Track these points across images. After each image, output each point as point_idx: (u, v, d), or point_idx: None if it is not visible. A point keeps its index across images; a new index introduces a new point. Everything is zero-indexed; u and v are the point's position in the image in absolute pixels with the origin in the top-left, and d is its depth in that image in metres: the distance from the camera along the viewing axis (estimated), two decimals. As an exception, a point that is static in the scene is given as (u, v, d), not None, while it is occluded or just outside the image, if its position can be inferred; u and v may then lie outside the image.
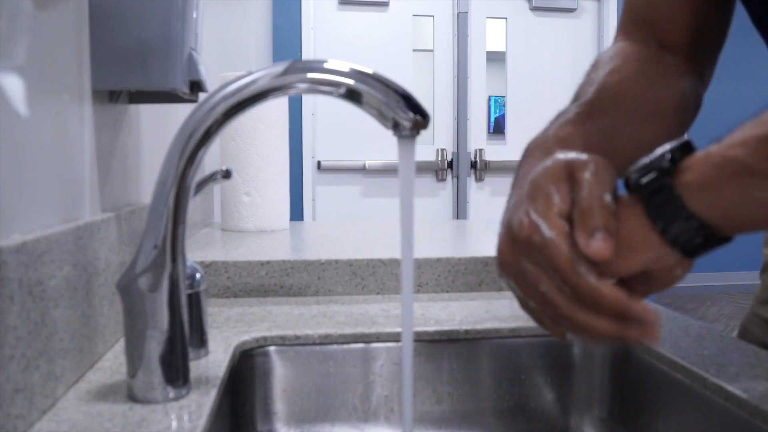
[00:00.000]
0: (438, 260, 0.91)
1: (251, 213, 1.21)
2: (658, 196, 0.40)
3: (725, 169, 0.38)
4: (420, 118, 0.49)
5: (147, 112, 0.80)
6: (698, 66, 0.68)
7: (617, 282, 0.43)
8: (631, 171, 0.42)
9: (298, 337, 0.72)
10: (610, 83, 0.62)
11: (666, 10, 0.68)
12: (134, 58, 0.60)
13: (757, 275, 0.86)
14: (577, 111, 0.58)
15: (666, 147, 0.41)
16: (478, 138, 3.40)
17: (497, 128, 3.84)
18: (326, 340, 0.72)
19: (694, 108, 0.67)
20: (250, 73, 0.49)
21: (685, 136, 0.42)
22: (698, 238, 0.40)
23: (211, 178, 0.77)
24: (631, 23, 0.70)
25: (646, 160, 0.41)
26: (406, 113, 0.48)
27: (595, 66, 0.66)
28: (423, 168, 3.32)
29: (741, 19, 0.71)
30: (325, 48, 3.21)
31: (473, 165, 3.42)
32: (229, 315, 0.79)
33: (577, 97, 0.61)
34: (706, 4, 0.67)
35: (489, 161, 3.40)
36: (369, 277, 0.90)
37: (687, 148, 0.41)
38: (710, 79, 0.71)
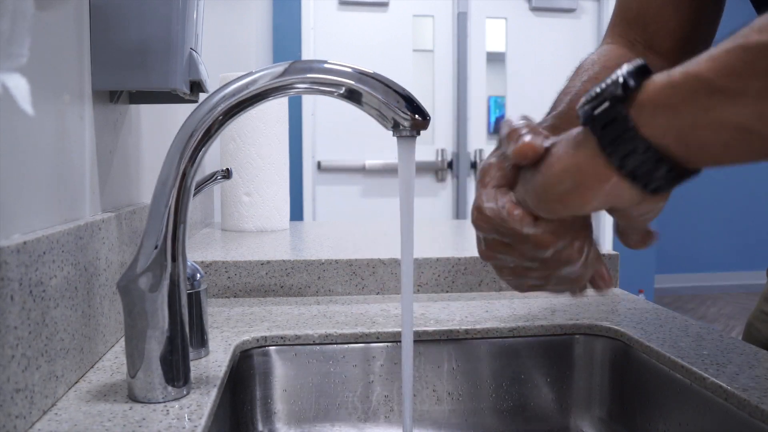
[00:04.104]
0: (438, 260, 0.91)
1: (251, 213, 1.21)
2: (611, 128, 0.37)
3: (684, 87, 0.35)
4: (420, 118, 0.49)
5: (147, 112, 0.80)
6: None
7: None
8: (583, 101, 0.39)
9: (298, 337, 0.72)
10: (583, 91, 0.61)
11: (656, 15, 0.68)
12: (134, 59, 0.60)
13: (758, 275, 0.86)
14: (551, 123, 0.58)
15: (621, 71, 0.38)
16: (478, 138, 3.40)
17: (497, 128, 3.85)
18: (326, 340, 0.72)
19: None
20: (250, 73, 0.49)
21: (640, 60, 0.38)
22: (659, 171, 0.37)
23: (211, 179, 0.77)
24: (621, 24, 0.71)
25: (598, 88, 0.39)
26: (406, 114, 0.48)
27: (576, 72, 0.66)
28: (423, 168, 3.31)
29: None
30: (325, 48, 3.21)
31: (473, 165, 3.42)
32: (230, 315, 0.79)
33: (553, 107, 0.61)
34: (696, 12, 0.68)
35: (489, 161, 3.39)
36: (369, 277, 0.90)
37: (644, 71, 0.38)
38: None
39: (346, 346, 0.73)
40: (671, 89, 0.36)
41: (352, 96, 0.49)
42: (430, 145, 3.36)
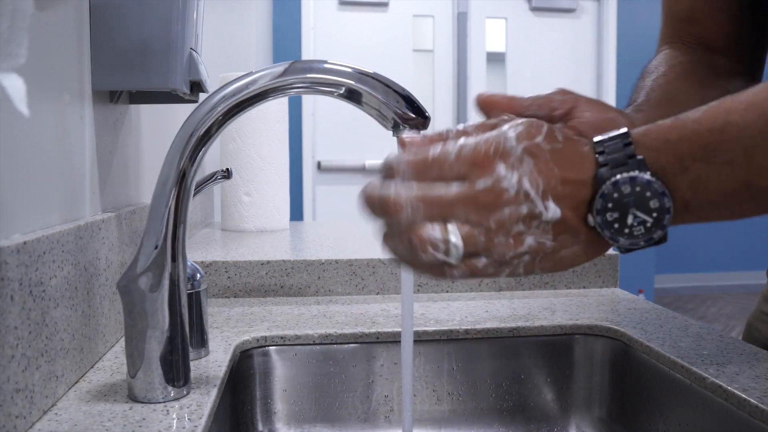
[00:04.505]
0: (438, 260, 0.91)
1: (251, 213, 1.21)
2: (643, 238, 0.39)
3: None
4: (420, 118, 0.49)
5: (147, 112, 0.80)
6: (747, 66, 0.68)
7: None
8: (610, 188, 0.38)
9: (298, 337, 0.72)
10: (658, 87, 0.63)
11: (706, 14, 0.68)
12: (134, 59, 0.60)
13: (758, 274, 0.86)
14: (629, 112, 0.59)
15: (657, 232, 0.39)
16: (478, 138, 3.40)
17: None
18: (326, 340, 0.72)
19: None
20: (250, 73, 0.49)
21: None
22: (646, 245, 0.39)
23: (211, 179, 0.77)
24: (673, 32, 0.71)
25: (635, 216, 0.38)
26: (407, 114, 0.48)
27: (642, 76, 0.67)
28: (423, 168, 3.31)
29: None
30: (325, 48, 3.21)
31: (473, 165, 3.42)
32: (230, 315, 0.79)
33: (631, 102, 0.62)
34: (745, 12, 0.67)
35: (489, 161, 3.39)
36: (369, 277, 0.90)
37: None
38: (761, 79, 0.71)
39: (346, 346, 0.73)
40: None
41: (352, 96, 0.49)
42: (430, 145, 3.36)
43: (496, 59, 3.39)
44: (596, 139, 0.39)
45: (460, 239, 0.38)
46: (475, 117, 3.12)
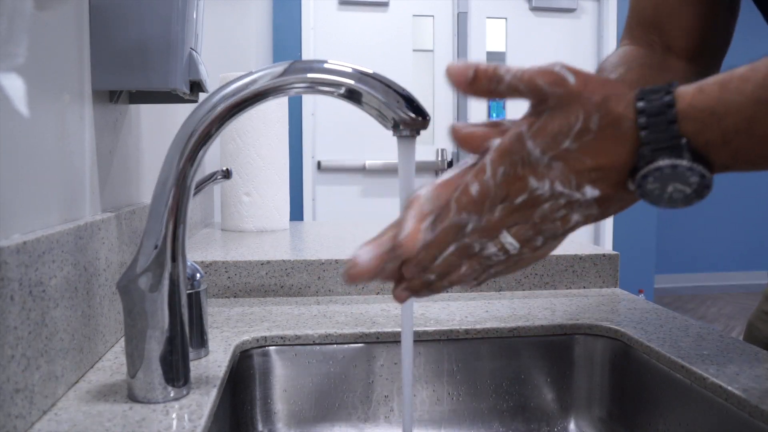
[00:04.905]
0: (438, 260, 0.91)
1: (251, 213, 1.21)
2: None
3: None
4: (420, 118, 0.49)
5: (147, 112, 0.80)
6: (703, 69, 0.69)
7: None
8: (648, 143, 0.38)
9: (298, 337, 0.72)
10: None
11: (672, 14, 0.68)
12: (134, 59, 0.60)
13: (758, 275, 0.86)
14: None
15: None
16: (478, 138, 3.39)
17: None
18: (326, 340, 0.72)
19: None
20: (250, 73, 0.49)
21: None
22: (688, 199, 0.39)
23: (211, 179, 0.77)
24: (637, 27, 0.71)
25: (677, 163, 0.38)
26: (407, 114, 0.48)
27: (599, 72, 0.66)
28: (423, 168, 3.31)
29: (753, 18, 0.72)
30: (325, 48, 3.21)
31: (473, 165, 3.41)
32: (229, 315, 0.79)
33: None
34: (712, 8, 0.67)
35: (489, 161, 3.39)
36: (369, 277, 0.90)
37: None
38: None
39: (346, 346, 0.73)
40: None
41: (352, 96, 0.49)
42: (430, 145, 3.36)
43: (496, 59, 3.39)
44: (639, 105, 0.38)
45: (512, 238, 0.43)
46: (474, 117, 3.08)
